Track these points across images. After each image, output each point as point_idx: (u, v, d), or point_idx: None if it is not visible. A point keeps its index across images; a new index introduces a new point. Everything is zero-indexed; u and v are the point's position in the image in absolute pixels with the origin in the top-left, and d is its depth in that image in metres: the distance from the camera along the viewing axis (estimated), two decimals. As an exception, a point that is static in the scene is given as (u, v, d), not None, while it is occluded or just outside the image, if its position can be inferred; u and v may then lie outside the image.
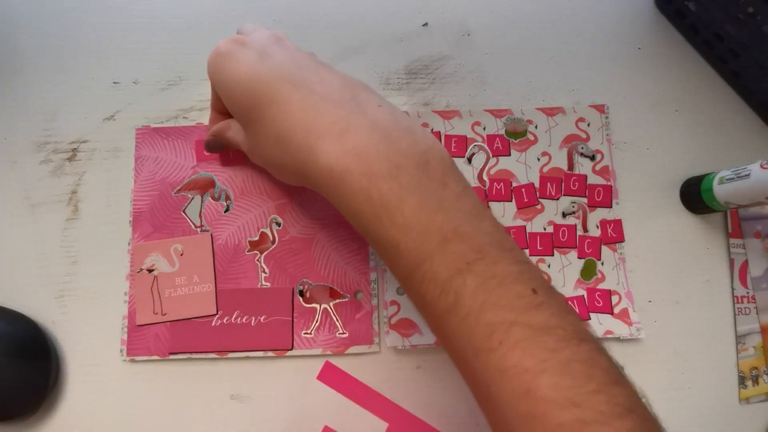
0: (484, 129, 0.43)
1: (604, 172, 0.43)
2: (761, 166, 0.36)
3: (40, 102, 0.43)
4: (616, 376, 0.24)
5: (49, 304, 0.39)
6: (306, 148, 0.27)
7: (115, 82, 0.43)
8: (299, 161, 0.28)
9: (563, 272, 0.41)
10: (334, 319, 0.39)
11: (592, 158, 0.43)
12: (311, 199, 0.41)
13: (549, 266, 0.41)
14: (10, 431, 0.38)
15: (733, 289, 0.41)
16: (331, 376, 0.37)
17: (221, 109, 0.36)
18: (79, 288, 0.40)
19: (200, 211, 0.41)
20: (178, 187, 0.41)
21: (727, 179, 0.38)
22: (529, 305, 0.24)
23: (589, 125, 0.43)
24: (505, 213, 0.42)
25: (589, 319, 0.40)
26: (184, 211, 0.41)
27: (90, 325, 0.39)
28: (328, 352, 0.39)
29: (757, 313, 0.41)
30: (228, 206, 0.41)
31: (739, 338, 0.41)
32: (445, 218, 0.25)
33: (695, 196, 0.41)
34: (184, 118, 0.43)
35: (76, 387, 0.38)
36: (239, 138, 0.35)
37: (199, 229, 0.40)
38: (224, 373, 0.39)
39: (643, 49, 0.46)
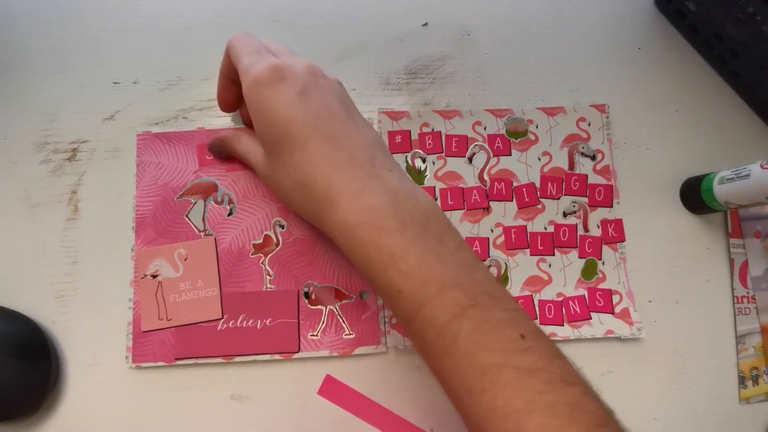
0: (485, 129, 0.43)
1: (605, 171, 0.43)
2: (761, 166, 0.36)
3: (40, 102, 0.43)
4: (601, 419, 0.25)
5: (49, 304, 0.39)
6: (325, 198, 0.30)
7: (115, 82, 0.43)
8: (316, 206, 0.31)
9: (564, 272, 0.41)
10: (341, 320, 0.39)
11: (593, 158, 0.43)
12: None
13: (550, 266, 0.41)
14: (10, 431, 0.38)
15: (733, 289, 0.41)
16: (331, 391, 0.37)
17: (234, 78, 0.36)
18: (79, 288, 0.40)
19: (203, 216, 0.41)
20: (181, 192, 0.41)
21: (727, 179, 0.38)
22: (517, 349, 0.26)
23: (589, 125, 0.43)
24: (506, 213, 0.42)
25: (590, 318, 0.40)
26: (187, 216, 0.41)
27: (90, 325, 0.39)
28: (335, 354, 0.39)
29: (757, 313, 0.41)
30: (231, 210, 0.41)
31: (739, 338, 0.41)
32: (442, 269, 0.28)
33: (695, 196, 0.41)
34: (184, 118, 0.43)
35: (76, 387, 0.38)
36: (251, 156, 0.37)
37: (202, 234, 0.40)
38: (230, 377, 0.39)
39: (643, 49, 0.46)
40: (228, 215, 0.41)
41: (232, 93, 0.38)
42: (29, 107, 0.43)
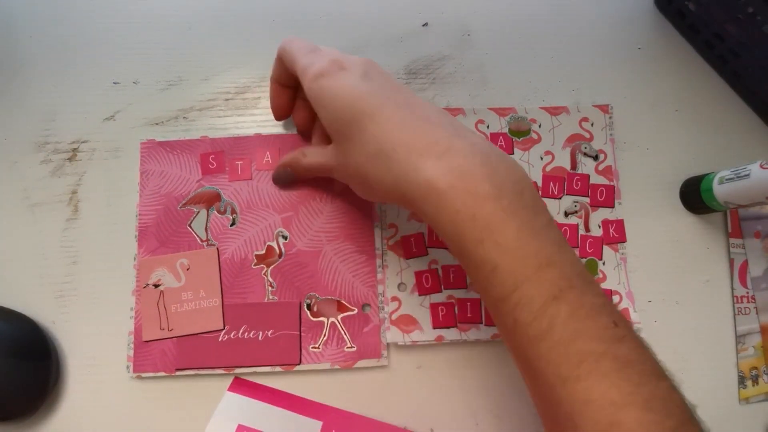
0: (488, 127, 0.43)
1: (607, 172, 0.43)
2: (761, 166, 0.36)
3: (40, 102, 0.43)
4: (689, 413, 0.24)
5: (49, 304, 0.39)
6: (407, 164, 0.28)
7: (115, 82, 0.43)
8: (397, 177, 0.28)
9: (564, 272, 0.41)
10: (342, 332, 0.39)
11: (595, 158, 0.43)
12: (317, 211, 0.41)
13: (549, 266, 0.41)
14: (10, 431, 0.38)
15: (732, 289, 0.41)
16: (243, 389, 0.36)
17: (285, 82, 0.38)
18: (80, 288, 0.40)
19: (206, 225, 0.41)
20: (184, 201, 0.41)
21: (726, 179, 0.38)
22: (613, 338, 0.25)
23: (592, 125, 0.43)
24: (506, 213, 0.42)
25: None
26: (189, 225, 0.40)
27: (90, 325, 0.39)
28: (336, 367, 0.38)
29: (756, 313, 0.41)
30: (234, 220, 0.41)
31: (739, 338, 0.41)
32: (538, 245, 0.26)
33: (695, 196, 0.41)
34: (184, 118, 0.43)
35: (76, 387, 0.38)
36: (321, 159, 0.36)
37: (205, 244, 0.40)
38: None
39: (643, 49, 0.46)
40: (231, 225, 0.41)
41: (286, 97, 0.39)
42: (29, 107, 0.43)
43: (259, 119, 0.43)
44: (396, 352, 0.39)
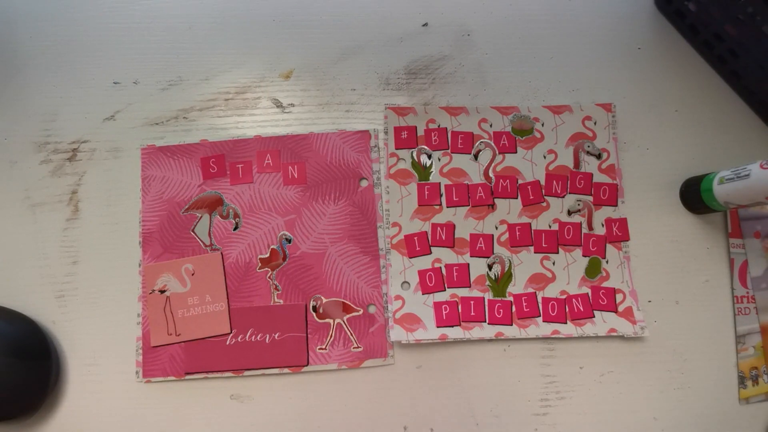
0: (491, 126, 0.43)
1: (611, 170, 0.43)
2: (761, 166, 0.36)
3: (40, 102, 0.43)
4: None
5: (50, 304, 0.39)
6: None
7: (115, 82, 0.43)
8: None
9: (568, 270, 0.41)
10: (348, 333, 0.39)
11: (599, 156, 0.43)
12: (320, 213, 0.41)
13: (554, 264, 0.41)
14: (10, 431, 0.38)
15: (732, 289, 0.41)
16: None
17: None
18: (80, 288, 0.40)
19: (209, 230, 0.41)
20: (186, 206, 0.41)
21: (726, 179, 0.38)
22: None
23: (595, 124, 0.43)
24: (511, 210, 0.42)
25: (593, 316, 0.40)
26: (193, 231, 0.41)
27: (91, 325, 0.39)
28: (344, 367, 0.39)
29: (756, 313, 0.41)
30: (237, 224, 0.41)
31: (739, 338, 0.41)
32: None
33: (695, 196, 0.41)
34: (184, 118, 0.43)
35: (76, 387, 0.38)
36: None
37: (209, 248, 0.40)
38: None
39: (643, 50, 0.46)
40: (234, 229, 0.41)
41: None
42: (29, 107, 0.43)
43: (259, 119, 0.43)
44: (400, 352, 0.39)
